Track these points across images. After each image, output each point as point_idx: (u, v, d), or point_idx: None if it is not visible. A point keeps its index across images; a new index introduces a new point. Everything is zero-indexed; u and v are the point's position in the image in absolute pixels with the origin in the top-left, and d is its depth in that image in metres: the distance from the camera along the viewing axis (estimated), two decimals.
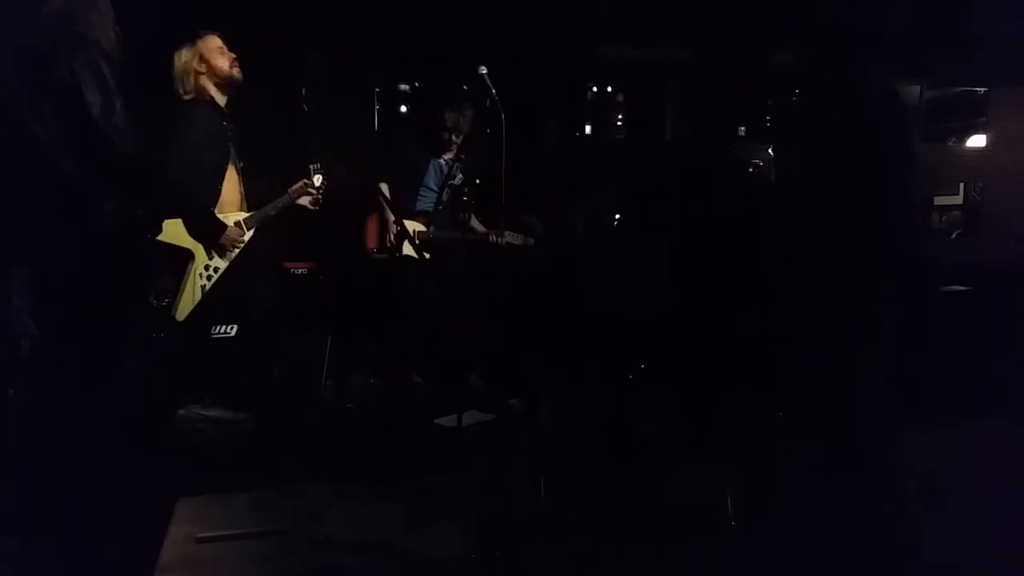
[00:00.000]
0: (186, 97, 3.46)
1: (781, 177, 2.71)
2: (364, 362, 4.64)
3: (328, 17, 5.01)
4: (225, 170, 3.49)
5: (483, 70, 3.40)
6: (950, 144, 6.65)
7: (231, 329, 4.48)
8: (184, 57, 3.45)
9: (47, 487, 2.56)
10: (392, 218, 4.36)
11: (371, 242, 4.50)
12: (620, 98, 6.32)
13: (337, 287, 4.72)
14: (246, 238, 3.58)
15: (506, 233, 4.31)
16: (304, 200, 3.78)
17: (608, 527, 2.75)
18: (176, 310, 3.36)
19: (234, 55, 3.50)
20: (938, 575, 2.50)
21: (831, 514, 2.63)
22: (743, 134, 5.70)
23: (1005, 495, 2.99)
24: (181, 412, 3.85)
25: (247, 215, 3.62)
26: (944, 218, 6.57)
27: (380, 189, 4.32)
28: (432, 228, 4.51)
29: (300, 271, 4.57)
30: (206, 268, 3.44)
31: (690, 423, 3.62)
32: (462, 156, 4.56)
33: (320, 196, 3.80)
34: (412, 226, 4.45)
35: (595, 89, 6.14)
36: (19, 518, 2.45)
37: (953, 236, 6.41)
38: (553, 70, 5.58)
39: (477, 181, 4.46)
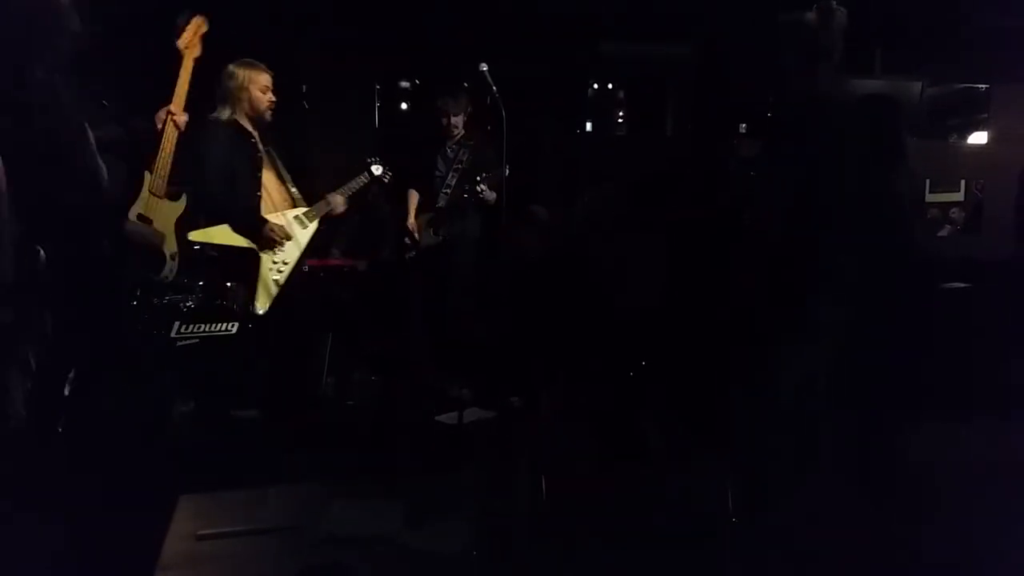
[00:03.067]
0: (214, 115, 3.54)
1: (772, 176, 2.73)
2: (365, 359, 4.65)
3: (329, 14, 5.02)
4: (259, 178, 3.58)
5: (484, 67, 3.40)
6: (951, 141, 6.64)
7: (231, 327, 4.50)
8: (237, 79, 3.53)
9: (52, 483, 2.58)
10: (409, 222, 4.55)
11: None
12: (621, 95, 6.32)
13: (344, 284, 4.74)
14: (308, 232, 3.69)
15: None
16: (339, 199, 3.89)
17: (609, 524, 2.76)
18: (255, 306, 3.53)
19: (273, 99, 3.61)
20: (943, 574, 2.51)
21: (838, 513, 2.65)
22: (744, 131, 5.69)
23: (1004, 492, 3.00)
24: (183, 409, 3.88)
25: (306, 210, 3.74)
26: (945, 215, 6.56)
27: (410, 196, 4.57)
28: (433, 219, 4.54)
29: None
30: (274, 263, 3.59)
31: (691, 420, 3.62)
32: (468, 141, 4.58)
33: (379, 185, 4.00)
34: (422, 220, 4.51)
35: (596, 86, 6.14)
36: (25, 513, 2.46)
37: (951, 233, 6.40)
38: (554, 67, 5.57)
39: (481, 174, 4.45)
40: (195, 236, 3.45)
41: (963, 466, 3.20)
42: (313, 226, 3.76)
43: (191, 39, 3.05)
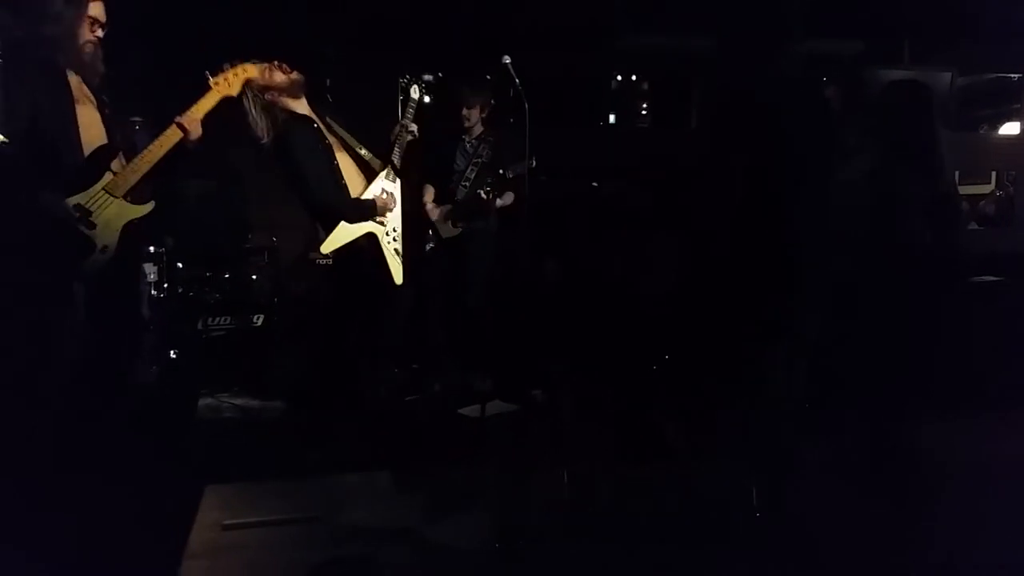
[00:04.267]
0: (264, 141, 3.44)
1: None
2: (388, 352, 4.67)
3: (353, 7, 5.03)
4: (338, 169, 3.52)
5: (507, 60, 3.39)
6: (981, 132, 6.53)
7: (258, 319, 4.56)
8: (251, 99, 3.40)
9: (82, 475, 2.62)
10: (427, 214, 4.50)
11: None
12: (645, 87, 6.27)
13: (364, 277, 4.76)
14: (398, 187, 3.66)
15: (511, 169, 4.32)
16: (412, 127, 3.76)
17: (630, 518, 2.76)
18: (394, 278, 3.56)
19: (278, 63, 3.41)
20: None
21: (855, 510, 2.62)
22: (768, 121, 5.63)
23: None
24: (209, 401, 3.93)
25: (385, 173, 3.64)
26: (975, 207, 6.46)
27: (425, 190, 4.51)
28: (454, 211, 4.54)
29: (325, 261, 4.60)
30: (387, 235, 3.58)
31: (712, 416, 3.60)
32: (488, 137, 4.57)
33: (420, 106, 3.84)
34: (440, 213, 4.51)
35: (619, 78, 6.10)
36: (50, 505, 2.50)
37: (982, 226, 6.29)
38: (577, 59, 5.55)
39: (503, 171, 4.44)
40: (327, 249, 3.45)
41: (992, 462, 3.15)
42: (399, 182, 3.68)
43: (231, 80, 3.08)
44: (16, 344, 2.59)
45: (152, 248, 4.28)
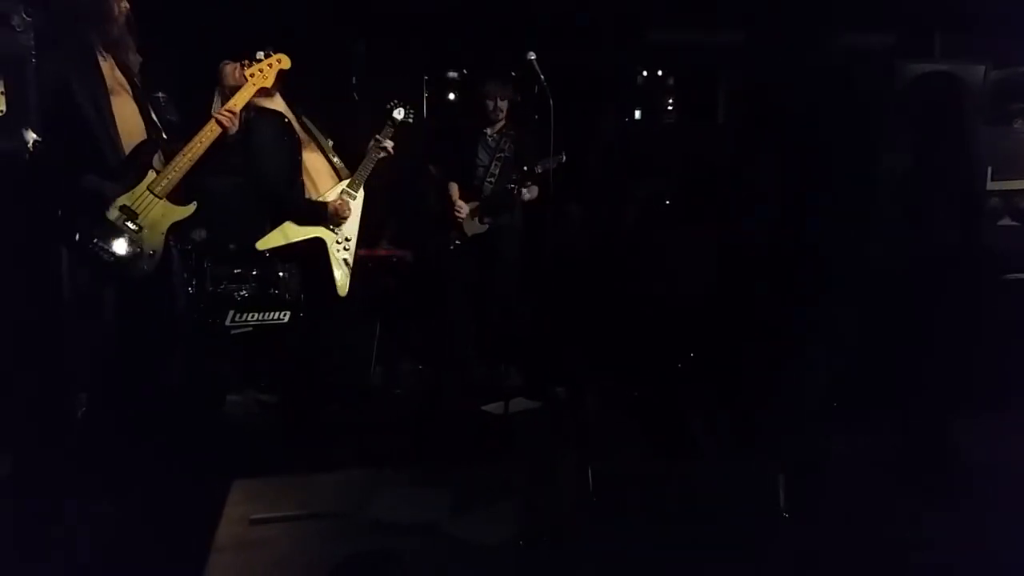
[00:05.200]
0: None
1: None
2: (412, 349, 4.69)
3: (378, 4, 5.05)
4: (299, 163, 3.53)
5: (532, 56, 3.38)
6: (1016, 126, 6.39)
7: (284, 316, 4.58)
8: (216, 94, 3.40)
9: (109, 469, 2.65)
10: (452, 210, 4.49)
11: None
12: (671, 82, 6.22)
13: (389, 274, 4.78)
14: (359, 202, 3.64)
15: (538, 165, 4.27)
16: (388, 143, 3.78)
17: (655, 516, 2.74)
18: (338, 290, 3.54)
19: (239, 63, 3.32)
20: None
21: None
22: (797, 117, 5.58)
23: None
24: (236, 397, 3.96)
25: (348, 181, 3.65)
26: (1009, 203, 6.32)
27: (449, 189, 4.50)
28: (478, 208, 4.53)
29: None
30: (338, 243, 3.57)
31: (739, 412, 3.57)
32: (511, 131, 4.56)
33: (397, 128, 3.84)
34: (465, 209, 4.51)
35: (645, 73, 6.06)
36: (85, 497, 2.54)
37: (1016, 222, 6.16)
38: (603, 55, 5.52)
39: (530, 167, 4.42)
40: (263, 246, 3.47)
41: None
42: (362, 194, 3.68)
43: (267, 72, 3.07)
44: (57, 350, 2.62)
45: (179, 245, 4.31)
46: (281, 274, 4.88)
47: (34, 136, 2.52)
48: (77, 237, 2.53)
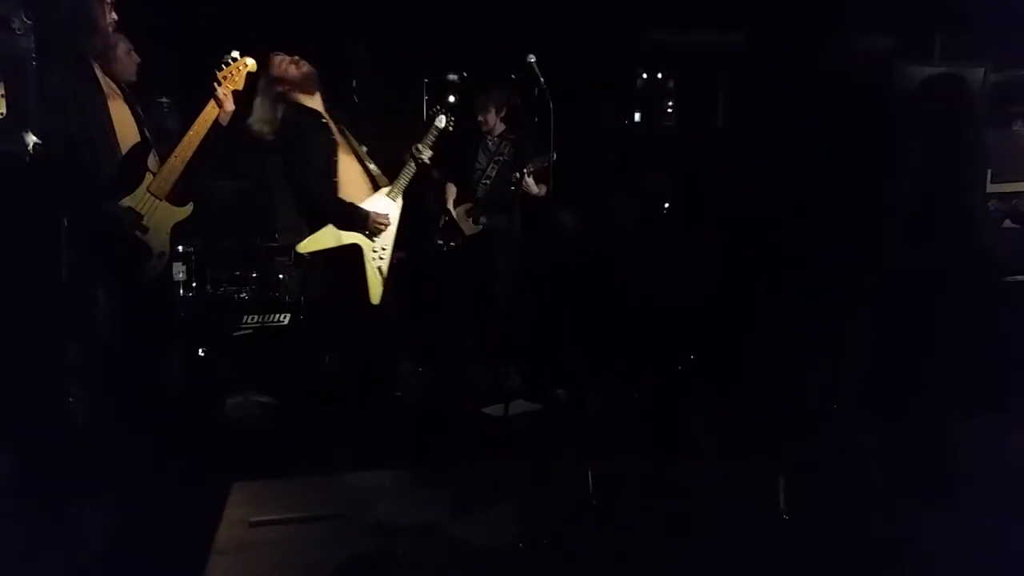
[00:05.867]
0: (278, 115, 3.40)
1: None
2: (413, 350, 4.69)
3: (378, 7, 5.05)
4: (335, 164, 3.43)
5: (531, 58, 3.38)
6: (1016, 128, 6.39)
7: (284, 318, 4.59)
8: (261, 90, 3.36)
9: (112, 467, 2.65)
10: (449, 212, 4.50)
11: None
12: (670, 85, 6.22)
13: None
14: (398, 208, 3.57)
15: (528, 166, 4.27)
16: (426, 155, 3.66)
17: (655, 517, 2.74)
18: (371, 298, 3.47)
19: (293, 57, 3.39)
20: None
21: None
22: (797, 119, 5.57)
23: None
24: (236, 399, 3.96)
25: (389, 188, 3.57)
26: (1008, 205, 6.32)
27: (447, 188, 4.52)
28: (476, 209, 4.54)
29: None
30: (374, 252, 3.50)
31: (738, 415, 3.57)
32: (511, 135, 4.57)
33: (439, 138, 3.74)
34: (460, 211, 4.52)
35: (644, 76, 6.06)
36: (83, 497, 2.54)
37: (1017, 224, 6.16)
38: (602, 57, 5.53)
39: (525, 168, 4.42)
40: (305, 249, 3.40)
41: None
42: (400, 201, 3.59)
43: (236, 75, 3.08)
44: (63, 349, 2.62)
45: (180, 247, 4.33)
46: (281, 276, 4.90)
47: (34, 139, 2.53)
48: (85, 240, 2.55)
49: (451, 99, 5.77)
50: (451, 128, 3.76)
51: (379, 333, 3.60)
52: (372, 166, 3.60)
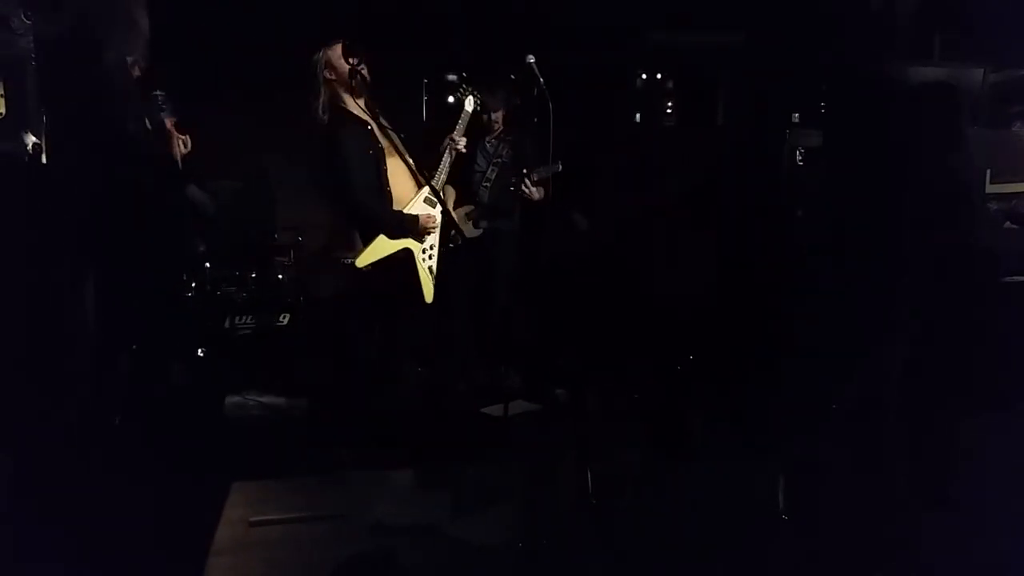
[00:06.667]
0: (324, 117, 3.34)
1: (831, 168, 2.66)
2: (412, 351, 4.68)
3: (377, 7, 5.05)
4: (385, 172, 3.40)
5: (531, 59, 3.38)
6: (1015, 129, 6.40)
7: (284, 318, 4.60)
8: (315, 60, 3.34)
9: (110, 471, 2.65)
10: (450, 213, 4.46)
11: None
12: (670, 85, 6.22)
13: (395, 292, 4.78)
14: (438, 210, 3.54)
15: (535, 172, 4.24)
16: (461, 143, 3.69)
17: (654, 518, 2.74)
18: (425, 297, 3.49)
19: (356, 59, 3.27)
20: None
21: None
22: (797, 120, 5.57)
23: None
24: (236, 399, 3.96)
25: (428, 190, 3.51)
26: (1007, 206, 6.33)
27: (445, 192, 4.41)
28: (476, 211, 4.54)
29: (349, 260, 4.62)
30: (423, 252, 3.50)
31: (738, 415, 3.57)
32: (509, 137, 4.57)
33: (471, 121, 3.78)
34: (461, 213, 4.51)
35: (644, 76, 6.06)
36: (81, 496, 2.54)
37: (1016, 224, 6.16)
38: (601, 57, 5.52)
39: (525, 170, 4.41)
40: (363, 263, 3.32)
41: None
42: (440, 196, 3.55)
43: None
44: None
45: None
46: (280, 276, 4.91)
47: (33, 139, 2.54)
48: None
49: (450, 99, 5.77)
50: (479, 107, 3.75)
51: (437, 331, 3.59)
52: (411, 160, 3.51)
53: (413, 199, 3.48)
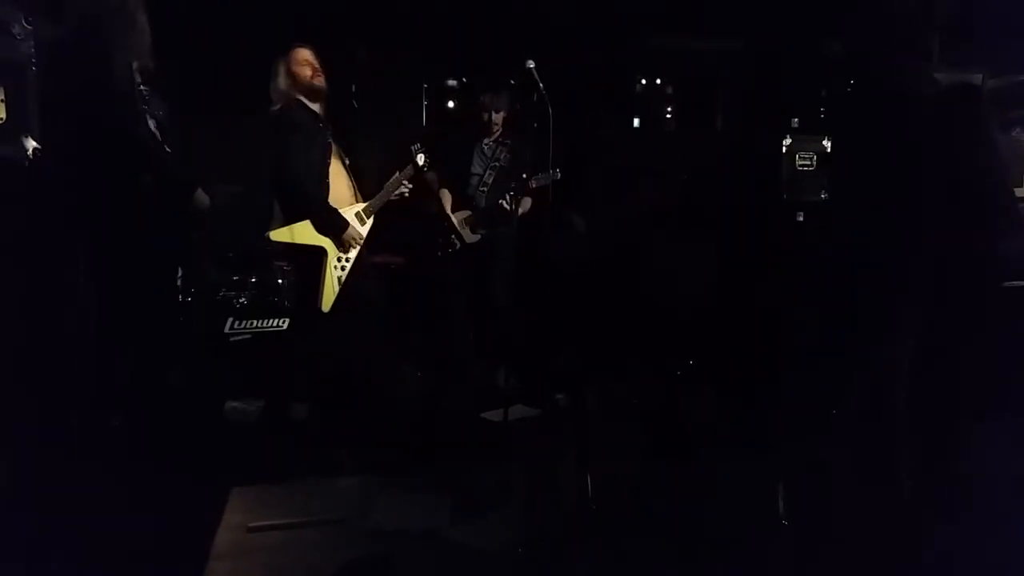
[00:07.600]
0: (273, 108, 3.56)
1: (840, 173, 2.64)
2: (412, 355, 4.68)
3: (377, 13, 5.05)
4: (328, 167, 3.59)
5: (531, 64, 3.39)
6: (1014, 134, 6.41)
7: (282, 323, 4.58)
8: (277, 70, 3.58)
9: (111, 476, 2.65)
10: (448, 218, 4.52)
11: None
12: (669, 90, 6.22)
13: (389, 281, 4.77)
14: (367, 228, 3.73)
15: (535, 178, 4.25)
16: (408, 186, 3.87)
17: (654, 521, 2.74)
18: (321, 303, 3.57)
19: (317, 67, 3.58)
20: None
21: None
22: (796, 126, 5.57)
23: None
24: (234, 404, 3.95)
25: (364, 206, 3.75)
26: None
27: (441, 196, 4.52)
28: (473, 217, 4.54)
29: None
30: (339, 260, 3.62)
31: (738, 418, 3.57)
32: (506, 140, 4.57)
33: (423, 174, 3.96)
34: (459, 218, 4.51)
35: (643, 81, 6.06)
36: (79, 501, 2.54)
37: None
38: (601, 63, 5.53)
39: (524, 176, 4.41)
40: (277, 236, 3.49)
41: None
42: (370, 222, 3.75)
43: None
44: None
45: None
46: (280, 281, 4.89)
47: (33, 144, 2.53)
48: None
49: (449, 104, 5.79)
50: (426, 168, 3.91)
51: (324, 340, 3.66)
52: (352, 180, 3.76)
53: (345, 209, 3.65)
